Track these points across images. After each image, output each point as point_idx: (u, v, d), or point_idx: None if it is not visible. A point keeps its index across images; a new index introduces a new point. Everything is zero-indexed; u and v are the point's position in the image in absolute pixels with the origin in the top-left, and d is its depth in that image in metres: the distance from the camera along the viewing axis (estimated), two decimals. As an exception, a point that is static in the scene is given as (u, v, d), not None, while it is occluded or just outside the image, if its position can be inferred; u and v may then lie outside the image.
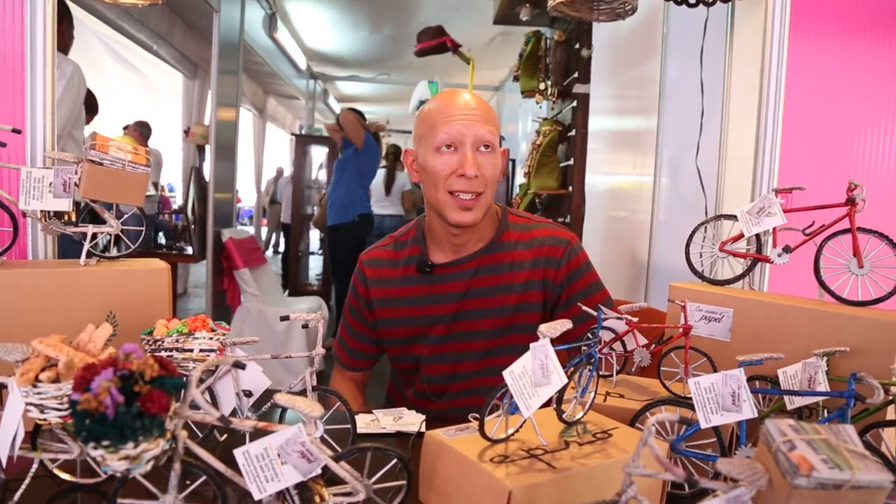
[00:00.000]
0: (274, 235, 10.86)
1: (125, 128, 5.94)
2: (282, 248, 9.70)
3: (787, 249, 1.22)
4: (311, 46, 7.37)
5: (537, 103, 4.10)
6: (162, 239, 5.75)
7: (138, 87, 6.47)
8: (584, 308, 1.05)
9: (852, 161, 1.55)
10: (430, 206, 1.42)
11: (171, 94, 6.50)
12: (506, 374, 0.79)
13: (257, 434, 0.70)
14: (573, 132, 3.54)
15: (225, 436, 1.06)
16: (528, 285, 1.42)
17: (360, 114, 4.86)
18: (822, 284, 1.16)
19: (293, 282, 6.71)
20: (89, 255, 1.20)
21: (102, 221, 1.23)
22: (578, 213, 3.54)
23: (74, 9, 4.05)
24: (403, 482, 0.81)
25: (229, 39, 4.37)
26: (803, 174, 1.51)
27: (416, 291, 1.46)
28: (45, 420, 0.80)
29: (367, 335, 1.54)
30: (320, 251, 8.37)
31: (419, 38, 4.20)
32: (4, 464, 0.84)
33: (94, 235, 1.20)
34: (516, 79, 4.22)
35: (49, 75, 1.34)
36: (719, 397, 0.84)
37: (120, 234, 1.24)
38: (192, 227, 4.62)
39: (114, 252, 1.26)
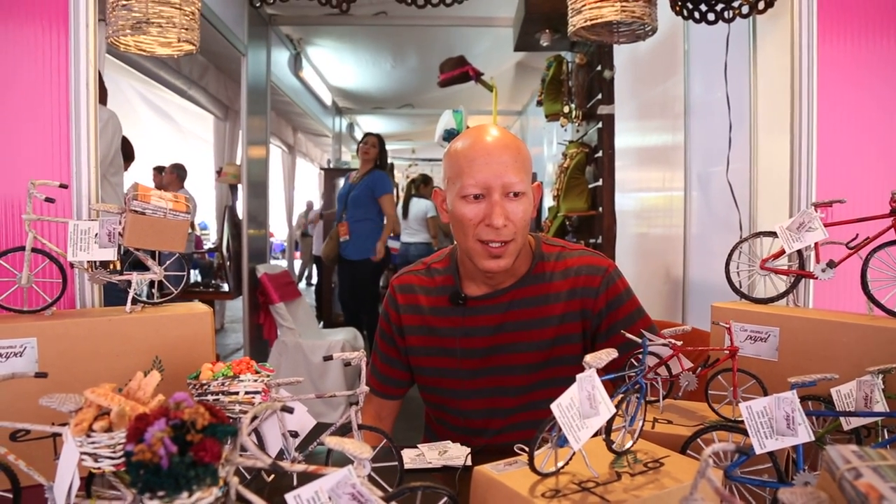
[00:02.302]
0: (306, 268, 10.99)
1: (156, 168, 6.12)
2: (315, 280, 9.80)
3: (831, 264, 1.19)
4: (335, 84, 7.51)
5: (562, 126, 4.11)
6: (198, 276, 5.87)
7: (172, 132, 6.68)
8: (629, 335, 1.03)
9: (893, 170, 1.51)
10: (461, 249, 1.40)
11: (204, 136, 6.69)
12: (553, 406, 0.78)
13: (306, 476, 0.70)
14: (600, 153, 3.54)
15: (272, 476, 1.07)
16: (565, 317, 1.38)
17: (381, 140, 4.93)
18: (870, 298, 1.13)
19: (327, 313, 6.76)
20: (134, 301, 1.23)
21: (146, 268, 1.26)
22: (610, 233, 3.51)
23: (111, 61, 4.22)
24: (454, 520, 0.80)
25: (257, 81, 4.49)
26: (842, 186, 1.48)
27: (449, 323, 1.44)
28: (99, 468, 0.81)
29: (399, 360, 1.52)
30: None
31: (442, 69, 4.26)
32: (61, 512, 0.85)
33: (139, 282, 1.23)
34: (540, 103, 4.24)
35: (92, 131, 1.40)
36: (773, 421, 0.82)
37: (163, 279, 1.27)
38: (228, 264, 4.70)
39: (155, 295, 1.29)
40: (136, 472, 0.61)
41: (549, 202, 4.76)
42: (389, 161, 10.13)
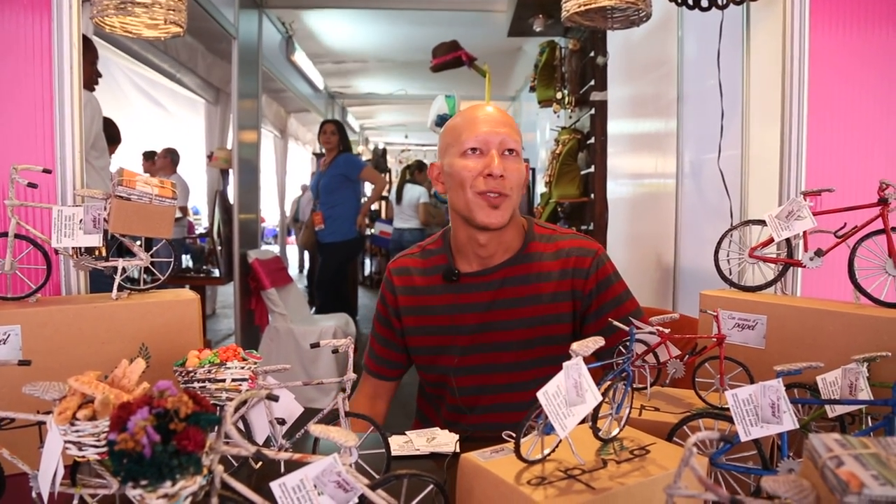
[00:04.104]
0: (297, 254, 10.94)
1: (145, 154, 6.07)
2: (307, 266, 9.77)
3: (819, 253, 1.19)
4: (327, 68, 7.42)
5: (555, 112, 4.09)
6: (189, 262, 5.83)
7: (163, 116, 6.60)
8: (617, 323, 1.04)
9: (881, 160, 1.51)
10: (457, 212, 1.43)
11: (195, 120, 6.62)
12: (540, 394, 0.78)
13: (293, 463, 0.70)
14: (592, 140, 3.53)
15: (260, 463, 1.07)
16: (556, 296, 1.42)
17: (341, 126, 4.90)
18: (857, 287, 1.13)
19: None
20: (120, 288, 1.22)
21: (132, 254, 1.25)
22: (601, 220, 3.51)
23: (100, 43, 4.16)
24: (440, 507, 0.80)
25: (248, 64, 4.45)
26: (831, 175, 1.48)
27: (442, 300, 1.47)
28: (83, 457, 0.81)
29: (395, 343, 1.55)
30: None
31: (434, 54, 4.22)
32: (46, 500, 0.85)
33: (125, 268, 1.22)
34: (532, 89, 4.22)
35: (77, 115, 1.38)
36: (758, 409, 0.82)
37: (150, 265, 1.26)
38: (219, 249, 4.67)
39: (143, 282, 1.28)
40: (118, 462, 0.61)
41: (540, 188, 4.74)
42: (382, 146, 10.06)
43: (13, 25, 1.38)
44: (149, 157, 6.16)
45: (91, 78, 2.77)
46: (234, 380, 0.97)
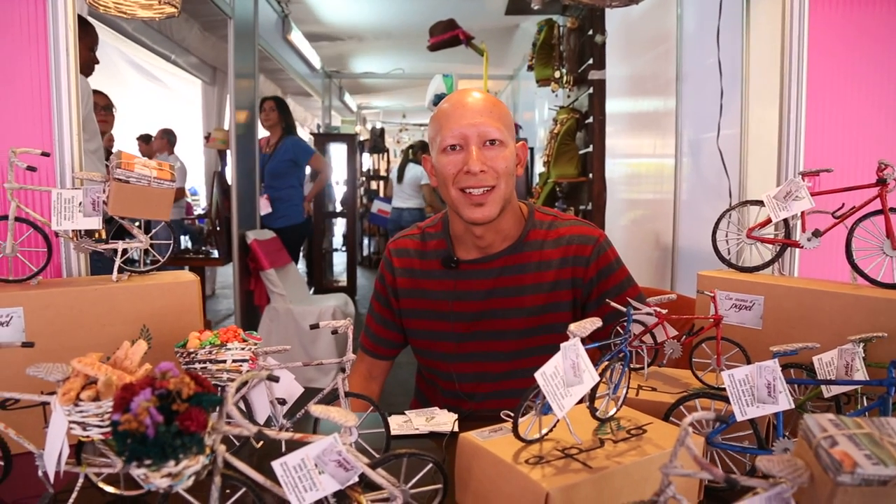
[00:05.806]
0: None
1: (140, 137, 6.03)
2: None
3: (816, 233, 1.20)
4: (324, 47, 7.35)
5: (553, 91, 4.06)
6: (188, 243, 5.82)
7: (160, 96, 6.55)
8: (614, 304, 1.04)
9: (880, 140, 1.51)
10: (448, 206, 1.43)
11: (192, 100, 6.57)
12: (538, 375, 0.79)
13: (294, 443, 0.71)
14: (591, 119, 3.51)
15: (261, 442, 1.08)
16: (556, 285, 1.40)
17: (281, 102, 4.77)
18: (855, 268, 1.13)
19: (318, 279, 6.76)
20: (120, 270, 1.22)
21: (132, 236, 1.25)
22: (600, 199, 3.51)
23: (95, 23, 4.10)
24: (440, 485, 0.82)
25: (244, 44, 4.40)
26: (829, 155, 1.48)
27: (441, 286, 1.46)
28: (87, 437, 0.82)
29: (392, 322, 1.55)
30: (344, 248, 8.42)
31: (431, 33, 4.18)
32: (52, 479, 0.86)
33: (125, 251, 1.23)
34: (531, 68, 4.18)
35: (74, 97, 1.37)
36: (754, 389, 0.83)
37: (149, 247, 1.26)
38: (218, 230, 4.67)
39: (144, 264, 1.28)
40: (122, 442, 0.62)
41: (539, 168, 4.73)
42: (379, 126, 9.97)
43: (8, 7, 1.36)
44: (145, 140, 6.13)
45: (88, 63, 2.73)
46: (234, 361, 0.98)
